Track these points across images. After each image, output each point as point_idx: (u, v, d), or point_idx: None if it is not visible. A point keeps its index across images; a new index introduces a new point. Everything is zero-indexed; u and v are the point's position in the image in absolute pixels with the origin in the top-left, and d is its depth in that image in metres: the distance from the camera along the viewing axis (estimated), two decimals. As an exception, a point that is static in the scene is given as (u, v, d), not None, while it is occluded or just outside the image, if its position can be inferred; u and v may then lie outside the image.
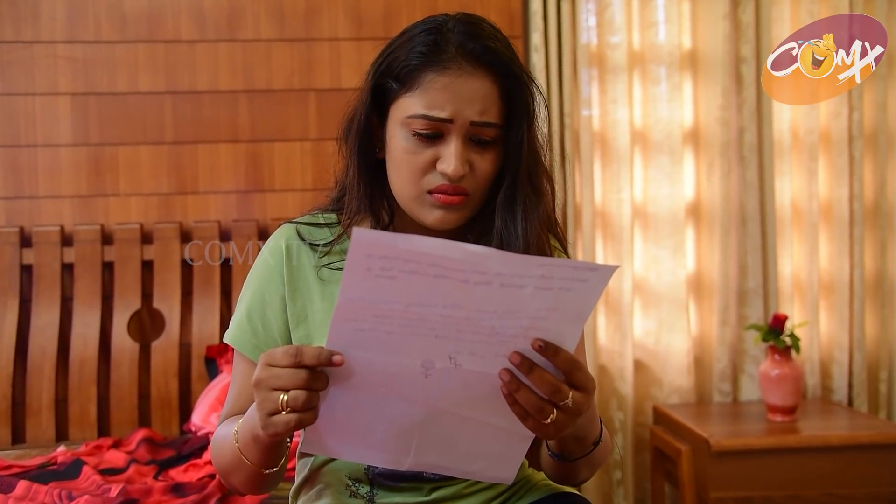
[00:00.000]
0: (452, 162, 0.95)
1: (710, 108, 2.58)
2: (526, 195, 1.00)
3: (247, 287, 1.07)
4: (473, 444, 0.88)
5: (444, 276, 0.74)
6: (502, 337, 0.78)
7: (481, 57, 0.95)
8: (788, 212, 2.62)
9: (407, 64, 0.96)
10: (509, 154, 0.99)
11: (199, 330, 2.33)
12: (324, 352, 0.79)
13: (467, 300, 0.76)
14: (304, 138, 2.46)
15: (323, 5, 2.47)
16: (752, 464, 2.15)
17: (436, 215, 0.98)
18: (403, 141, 0.97)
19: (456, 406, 0.84)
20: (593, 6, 2.56)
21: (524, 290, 0.75)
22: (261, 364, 0.82)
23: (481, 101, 0.95)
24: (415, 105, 0.95)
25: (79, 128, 2.39)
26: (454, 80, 0.94)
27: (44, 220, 2.36)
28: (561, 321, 0.79)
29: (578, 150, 2.53)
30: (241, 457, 0.93)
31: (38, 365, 2.26)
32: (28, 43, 2.37)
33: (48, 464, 1.88)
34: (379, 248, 0.73)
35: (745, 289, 2.58)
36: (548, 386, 0.80)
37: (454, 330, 0.78)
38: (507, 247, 1.00)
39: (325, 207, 1.10)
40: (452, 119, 0.95)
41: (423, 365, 0.80)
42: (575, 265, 0.76)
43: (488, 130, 0.97)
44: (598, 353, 2.58)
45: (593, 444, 0.98)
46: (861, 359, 2.58)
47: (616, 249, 2.56)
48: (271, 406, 0.80)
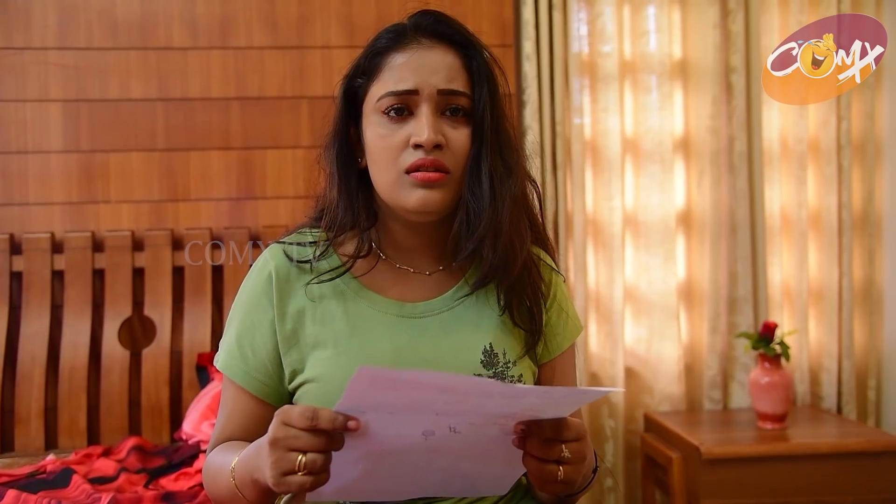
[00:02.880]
0: (424, 130, 0.95)
1: (701, 116, 2.59)
2: (493, 168, 0.99)
3: (235, 311, 1.06)
4: (471, 474, 0.91)
5: (446, 391, 0.77)
6: (502, 414, 0.82)
7: (437, 29, 0.99)
8: (778, 220, 2.64)
9: (370, 57, 1.00)
10: (475, 125, 1.00)
11: (190, 338, 2.33)
12: (339, 417, 0.79)
13: (468, 401, 0.79)
14: (296, 146, 2.47)
15: (315, 13, 2.48)
16: (742, 471, 2.16)
17: (417, 195, 0.97)
18: (377, 127, 0.99)
19: (455, 453, 0.87)
20: (585, 15, 2.58)
21: (525, 399, 0.80)
22: (277, 423, 0.81)
23: (446, 69, 0.98)
24: (382, 86, 0.98)
25: (70, 134, 2.38)
26: (414, 53, 0.98)
27: (34, 227, 2.35)
28: (558, 408, 0.83)
29: (570, 158, 2.54)
30: (238, 493, 0.93)
31: (27, 372, 2.25)
32: (19, 49, 2.36)
33: (37, 472, 1.86)
34: (382, 378, 0.76)
35: (736, 297, 2.60)
36: (539, 450, 0.84)
37: (455, 412, 0.80)
38: (475, 217, 0.98)
39: (310, 224, 1.10)
40: (417, 89, 0.97)
41: (424, 433, 0.82)
42: (576, 390, 0.82)
43: (458, 98, 0.98)
44: (590, 361, 2.58)
45: (592, 473, 1.00)
46: (850, 366, 2.59)
47: (607, 257, 2.57)
48: (287, 466, 0.80)
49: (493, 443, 0.85)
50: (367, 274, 1.05)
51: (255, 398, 1.02)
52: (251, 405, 1.02)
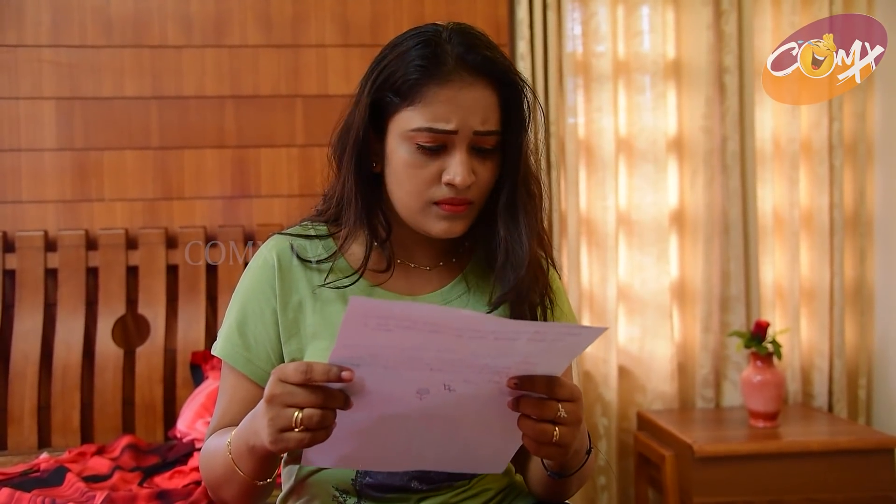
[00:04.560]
0: (461, 171, 0.96)
1: (694, 116, 2.61)
2: (524, 202, 1.02)
3: (236, 299, 1.06)
4: (468, 445, 0.91)
5: (438, 331, 0.77)
6: (495, 369, 0.81)
7: (481, 67, 0.97)
8: (770, 220, 2.65)
9: (407, 78, 0.96)
10: (508, 161, 1.01)
11: (184, 336, 2.32)
12: (332, 368, 0.79)
13: (461, 348, 0.78)
14: (290, 144, 2.46)
15: (310, 12, 2.48)
16: (734, 469, 2.17)
17: (442, 226, 0.99)
18: (406, 154, 0.98)
19: (450, 418, 0.87)
20: (579, 15, 2.59)
21: (517, 341, 0.79)
22: (273, 380, 0.82)
23: (483, 110, 0.97)
24: (418, 118, 0.96)
25: (63, 132, 2.38)
26: (457, 92, 0.95)
27: (27, 225, 2.34)
28: (551, 360, 0.82)
29: (564, 157, 2.55)
30: (234, 468, 0.93)
31: (20, 371, 2.24)
32: (12, 47, 2.35)
33: (31, 471, 1.86)
34: (375, 312, 0.75)
35: (728, 296, 2.61)
36: (534, 408, 0.83)
37: (448, 366, 0.80)
38: (512, 256, 1.01)
39: (314, 218, 1.10)
40: (457, 130, 0.96)
41: (418, 392, 0.82)
42: (568, 326, 0.81)
43: (490, 139, 0.98)
44: (583, 360, 2.59)
45: (586, 454, 1.00)
46: (841, 365, 2.61)
47: (601, 256, 2.58)
48: (284, 423, 0.80)
49: (489, 407, 0.84)
50: (376, 277, 1.06)
51: (256, 385, 1.02)
52: (252, 393, 1.02)
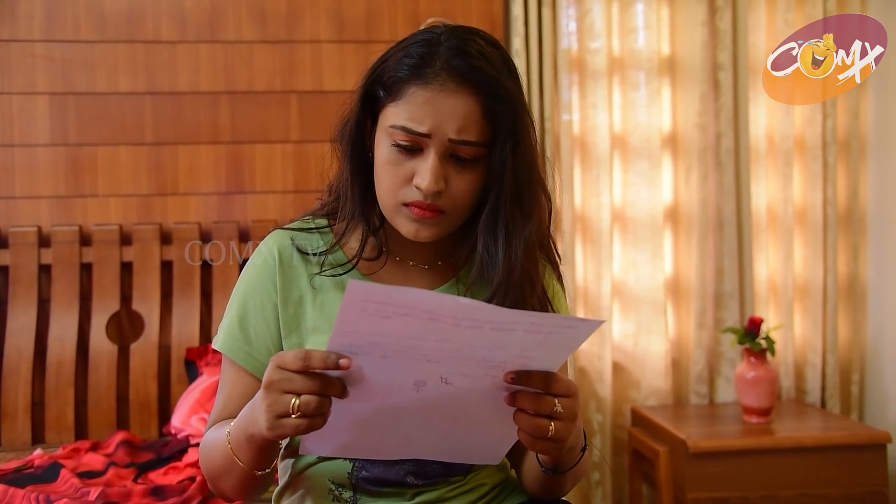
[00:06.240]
0: (427, 177, 0.95)
1: (689, 113, 2.61)
2: (509, 219, 0.98)
3: (237, 293, 1.06)
4: (465, 438, 0.92)
5: (436, 319, 0.77)
6: (492, 363, 0.82)
7: (466, 74, 0.94)
8: (764, 216, 2.66)
9: (394, 74, 0.96)
10: (493, 175, 0.98)
11: (178, 332, 2.32)
12: (331, 355, 0.79)
13: (458, 338, 0.78)
14: (285, 140, 2.46)
15: (305, 7, 2.47)
16: (728, 464, 2.18)
17: (410, 227, 0.98)
18: (385, 151, 0.98)
19: (448, 412, 0.87)
20: (574, 12, 2.59)
21: (514, 333, 0.79)
22: (272, 366, 0.82)
23: (462, 118, 0.94)
24: (397, 116, 0.96)
25: (57, 128, 2.37)
26: (435, 95, 0.94)
27: (21, 221, 2.34)
28: (548, 354, 0.82)
29: (559, 154, 2.55)
30: (234, 458, 0.93)
31: (14, 367, 2.24)
32: (5, 41, 2.34)
33: (25, 467, 1.86)
34: (374, 296, 0.75)
35: (722, 292, 2.62)
36: (530, 403, 0.83)
37: (445, 357, 0.80)
38: (487, 271, 0.99)
39: (316, 212, 1.10)
40: (430, 134, 0.95)
41: (416, 384, 0.83)
42: (565, 318, 0.80)
43: (466, 149, 0.96)
44: (578, 356, 2.60)
45: (581, 451, 1.00)
46: (834, 361, 2.62)
47: (595, 253, 2.59)
48: (282, 409, 0.81)
49: (486, 401, 0.85)
50: (369, 267, 1.06)
51: (256, 380, 1.02)
52: (251, 387, 1.02)
